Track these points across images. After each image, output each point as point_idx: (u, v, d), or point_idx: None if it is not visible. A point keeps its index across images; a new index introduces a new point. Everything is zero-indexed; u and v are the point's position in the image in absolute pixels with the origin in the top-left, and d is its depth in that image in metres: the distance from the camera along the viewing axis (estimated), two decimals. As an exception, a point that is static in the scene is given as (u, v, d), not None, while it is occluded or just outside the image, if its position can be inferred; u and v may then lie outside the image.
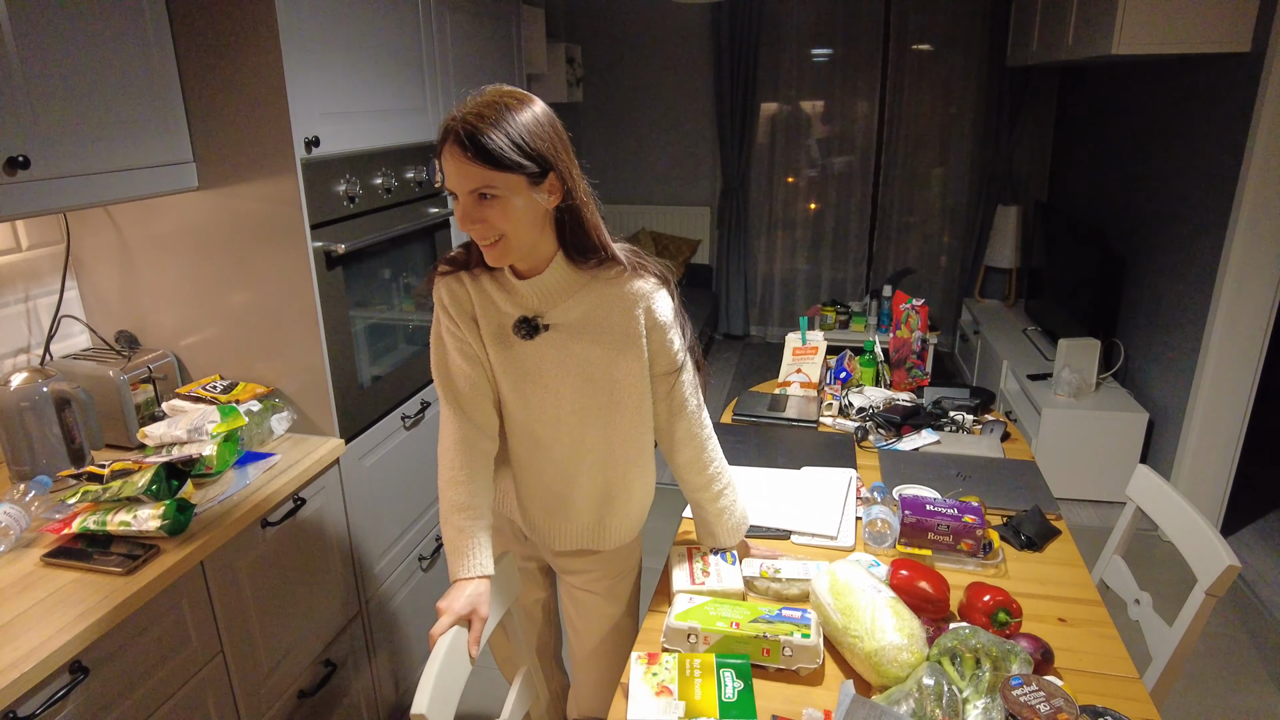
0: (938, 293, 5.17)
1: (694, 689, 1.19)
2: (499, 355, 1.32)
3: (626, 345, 1.31)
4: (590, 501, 1.43)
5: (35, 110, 1.29)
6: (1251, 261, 2.69)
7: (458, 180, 1.16)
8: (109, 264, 1.79)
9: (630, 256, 1.32)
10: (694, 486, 1.48)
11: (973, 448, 2.00)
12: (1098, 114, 4.03)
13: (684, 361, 1.39)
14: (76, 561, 1.31)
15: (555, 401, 1.33)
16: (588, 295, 1.30)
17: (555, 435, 1.37)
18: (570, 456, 1.38)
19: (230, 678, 1.51)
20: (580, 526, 1.45)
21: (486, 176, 1.14)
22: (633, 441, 1.39)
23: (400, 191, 2.01)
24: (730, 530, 1.51)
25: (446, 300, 1.31)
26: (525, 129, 1.16)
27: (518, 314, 1.30)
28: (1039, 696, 1.04)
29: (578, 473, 1.40)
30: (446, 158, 1.16)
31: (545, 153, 1.18)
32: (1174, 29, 2.68)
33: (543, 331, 1.30)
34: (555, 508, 1.44)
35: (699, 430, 1.45)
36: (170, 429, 1.61)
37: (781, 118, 5.07)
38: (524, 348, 1.31)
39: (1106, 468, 3.27)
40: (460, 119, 1.15)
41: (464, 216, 1.18)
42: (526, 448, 1.40)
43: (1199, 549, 1.45)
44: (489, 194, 1.16)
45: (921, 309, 2.35)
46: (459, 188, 1.17)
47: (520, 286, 1.28)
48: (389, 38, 1.94)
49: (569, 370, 1.31)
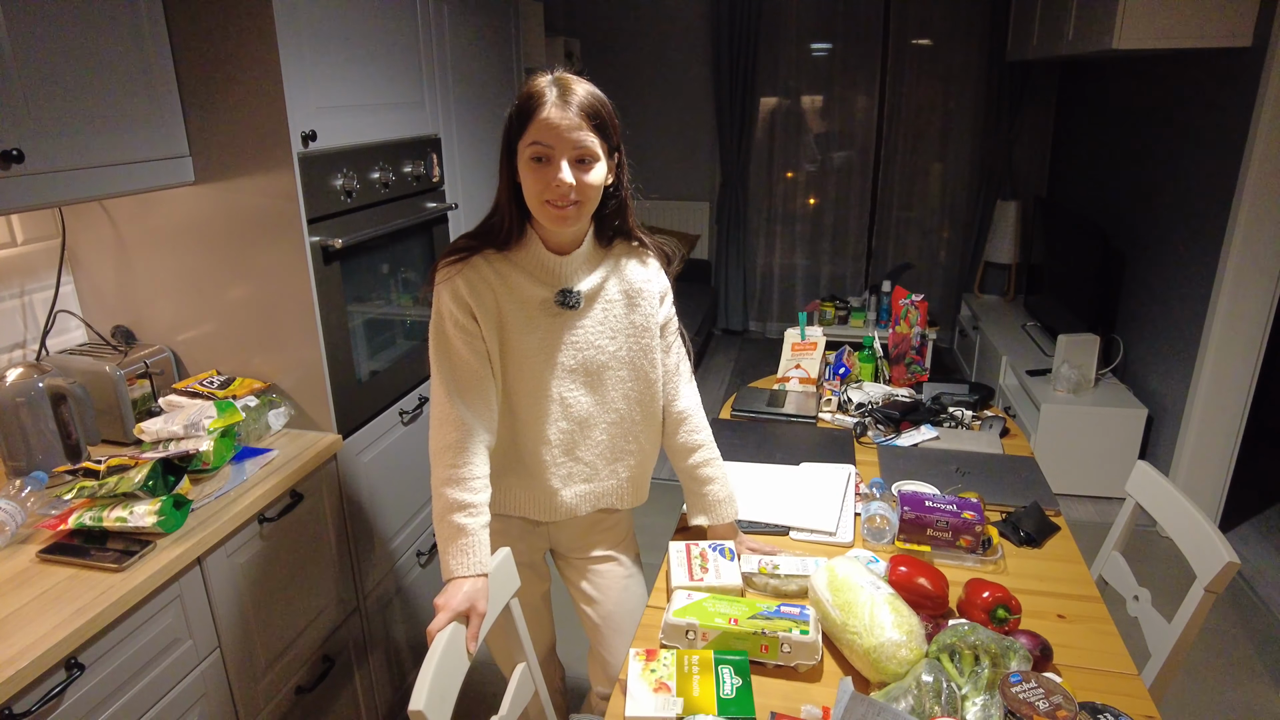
0: (937, 288, 5.17)
1: (692, 685, 1.18)
2: (529, 331, 1.35)
3: (645, 309, 1.44)
4: (613, 461, 1.50)
5: (29, 103, 1.28)
6: (1251, 258, 2.69)
7: (562, 139, 1.21)
8: (105, 259, 1.78)
9: (643, 234, 1.48)
10: (688, 449, 1.57)
11: (972, 443, 2.00)
12: (1098, 109, 4.02)
13: (678, 323, 1.54)
14: (72, 558, 1.31)
15: (590, 366, 1.41)
16: (605, 268, 1.41)
17: (588, 398, 1.42)
18: (600, 417, 1.45)
19: (227, 674, 1.51)
20: (606, 487, 1.51)
21: (590, 140, 1.23)
22: (650, 399, 1.49)
23: (398, 186, 2.00)
24: (723, 502, 1.57)
25: (465, 292, 1.31)
26: (610, 105, 1.28)
27: (548, 289, 1.36)
28: (1038, 693, 1.04)
29: (606, 433, 1.47)
30: (549, 118, 1.20)
31: (618, 130, 1.31)
32: (1174, 24, 2.67)
33: (581, 300, 1.38)
34: (580, 473, 1.48)
35: (692, 390, 1.58)
36: (167, 424, 1.60)
37: (781, 112, 5.05)
38: (564, 318, 1.38)
39: (1105, 464, 3.28)
40: (562, 82, 1.23)
41: (558, 174, 1.22)
42: (551, 421, 1.41)
43: (1198, 545, 1.45)
44: (587, 158, 1.24)
45: (921, 304, 2.35)
46: (563, 148, 1.22)
47: (552, 260, 1.35)
48: (386, 31, 1.93)
49: (604, 335, 1.41)
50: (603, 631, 1.61)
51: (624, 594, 1.60)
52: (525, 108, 1.23)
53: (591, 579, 1.60)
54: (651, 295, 1.45)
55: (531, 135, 1.23)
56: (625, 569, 1.61)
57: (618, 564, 1.60)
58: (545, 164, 1.23)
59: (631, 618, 1.59)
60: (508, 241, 1.34)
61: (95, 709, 1.22)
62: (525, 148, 1.24)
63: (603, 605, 1.60)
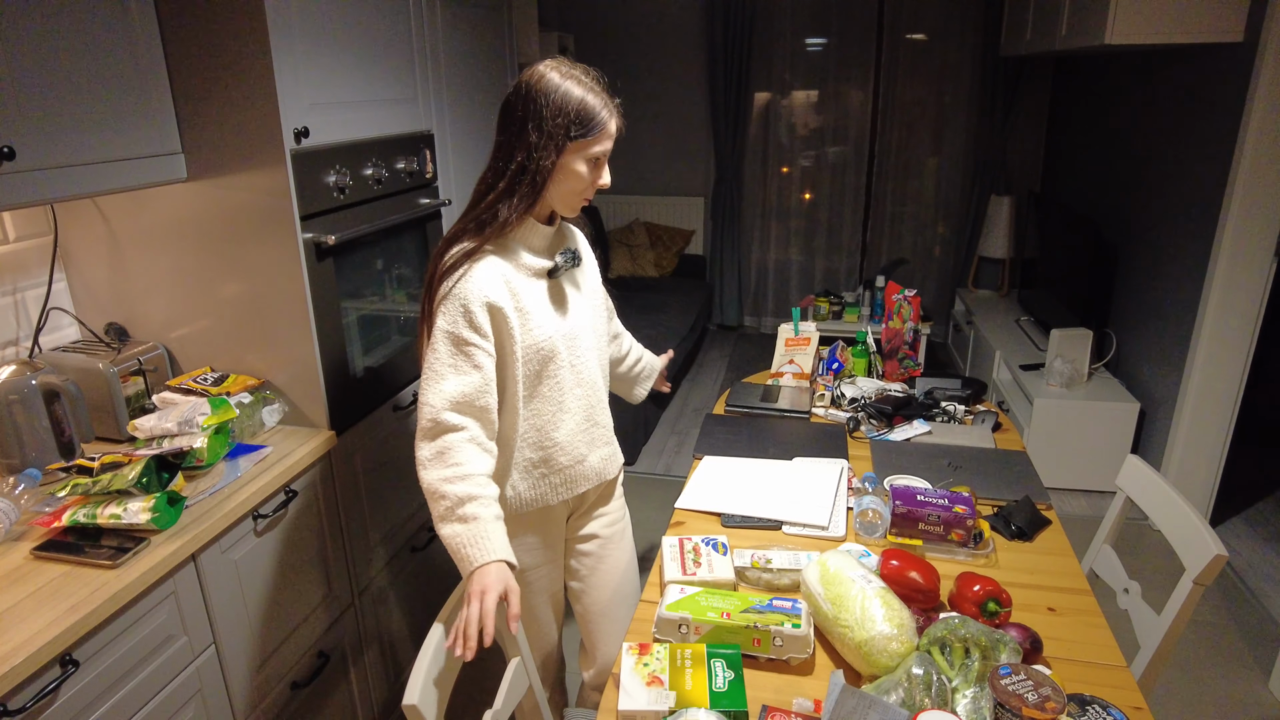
0: (931, 283, 5.18)
1: (685, 679, 1.19)
2: (542, 303, 1.42)
3: (593, 275, 1.60)
4: (609, 415, 1.61)
5: (20, 100, 1.28)
6: (1242, 252, 2.70)
7: (608, 148, 1.38)
8: (98, 256, 1.78)
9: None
10: (629, 357, 1.85)
11: (964, 438, 2.01)
12: (1091, 104, 4.03)
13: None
14: (66, 555, 1.31)
15: (585, 323, 1.51)
16: (565, 234, 1.55)
17: (590, 362, 1.51)
18: (599, 380, 1.55)
19: (223, 670, 1.51)
20: (613, 448, 1.62)
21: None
22: (606, 359, 1.62)
23: (391, 182, 2.00)
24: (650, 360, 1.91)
25: (491, 296, 1.34)
26: None
27: (548, 256, 1.46)
28: (1027, 685, 1.05)
29: (602, 391, 1.58)
30: (612, 130, 1.37)
31: None
32: (1167, 19, 2.68)
33: (579, 258, 1.51)
34: (601, 437, 1.58)
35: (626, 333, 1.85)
36: (161, 421, 1.60)
37: (775, 107, 5.05)
38: (557, 284, 1.47)
39: (1097, 458, 3.29)
40: (611, 96, 1.38)
41: (606, 175, 1.41)
42: (568, 389, 1.47)
43: (1187, 538, 1.46)
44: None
45: (914, 299, 2.35)
46: (607, 154, 1.39)
47: (547, 230, 1.46)
48: (379, 27, 1.92)
49: (586, 298, 1.53)
50: (592, 617, 1.67)
51: (617, 587, 1.66)
52: (594, 117, 1.34)
53: (597, 559, 1.65)
54: (592, 257, 1.63)
55: (601, 143, 1.36)
56: (624, 552, 1.70)
57: (616, 545, 1.67)
58: (598, 166, 1.39)
59: (626, 604, 1.67)
60: (502, 230, 1.38)
61: (90, 705, 1.23)
62: (587, 153, 1.35)
63: (598, 593, 1.65)
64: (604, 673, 1.68)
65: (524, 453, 1.46)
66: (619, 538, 1.68)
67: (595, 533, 1.64)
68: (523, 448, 1.46)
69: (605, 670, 1.68)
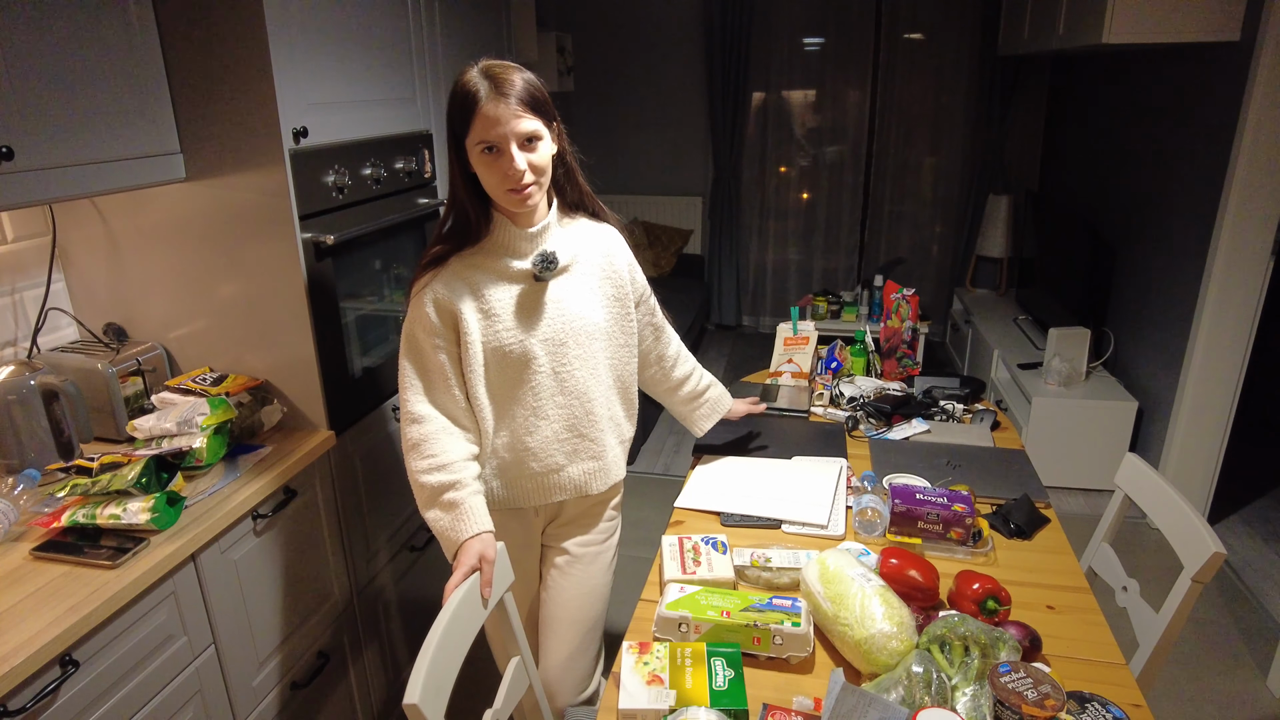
0: (929, 282, 5.18)
1: (685, 678, 1.19)
2: (516, 308, 1.40)
3: (616, 280, 1.52)
4: (608, 433, 1.54)
5: (18, 101, 1.28)
6: (1240, 251, 2.71)
7: (507, 129, 1.27)
8: (96, 256, 1.78)
9: (598, 204, 1.55)
10: (689, 383, 1.77)
11: (963, 437, 2.01)
12: (1088, 103, 4.04)
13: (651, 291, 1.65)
14: (66, 555, 1.31)
15: (578, 332, 1.46)
16: (573, 238, 1.48)
17: (576, 368, 1.47)
18: (595, 390, 1.50)
19: (222, 670, 1.51)
20: (607, 462, 1.56)
21: (533, 122, 1.29)
22: (628, 366, 1.56)
23: (389, 182, 2.00)
24: (719, 395, 1.83)
25: (431, 312, 1.37)
26: (537, 82, 1.33)
27: (526, 260, 1.41)
28: (1026, 683, 1.05)
29: (604, 405, 1.52)
30: (488, 113, 1.26)
31: (551, 103, 1.35)
32: (1164, 19, 2.69)
33: (558, 262, 1.42)
34: (582, 448, 1.52)
35: (679, 341, 1.75)
36: (160, 421, 1.60)
37: (773, 107, 5.05)
38: (546, 289, 1.43)
39: (1096, 456, 3.30)
40: (492, 75, 1.27)
41: (512, 163, 1.28)
42: (548, 396, 1.45)
43: (1186, 536, 1.46)
44: (534, 139, 1.30)
45: (912, 298, 2.36)
46: (510, 136, 1.27)
47: (523, 234, 1.40)
48: (378, 27, 1.92)
49: (585, 304, 1.47)
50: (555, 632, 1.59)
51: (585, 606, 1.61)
52: (464, 106, 1.28)
53: (569, 572, 1.60)
54: (620, 265, 1.54)
55: (477, 133, 1.29)
56: (601, 572, 1.64)
57: (591, 565, 1.62)
58: (497, 154, 1.30)
59: (589, 626, 1.61)
60: (479, 235, 1.40)
61: (90, 706, 1.22)
62: (474, 144, 1.30)
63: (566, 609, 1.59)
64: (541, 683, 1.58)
65: (499, 453, 1.48)
66: (590, 562, 1.62)
67: (567, 549, 1.61)
68: (498, 447, 1.47)
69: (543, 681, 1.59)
